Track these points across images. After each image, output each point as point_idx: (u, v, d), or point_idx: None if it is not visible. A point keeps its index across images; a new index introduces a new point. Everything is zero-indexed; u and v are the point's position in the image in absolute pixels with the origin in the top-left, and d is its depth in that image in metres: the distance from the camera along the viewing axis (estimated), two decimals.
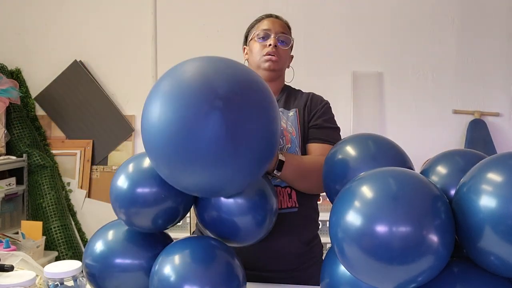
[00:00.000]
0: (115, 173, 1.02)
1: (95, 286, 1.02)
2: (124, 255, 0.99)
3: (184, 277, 0.88)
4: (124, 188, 0.97)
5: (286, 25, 1.42)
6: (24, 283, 1.01)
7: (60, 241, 2.90)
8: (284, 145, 1.29)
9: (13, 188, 2.85)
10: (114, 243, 1.01)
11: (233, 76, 0.82)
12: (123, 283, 0.99)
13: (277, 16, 1.43)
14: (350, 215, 0.72)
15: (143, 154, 1.00)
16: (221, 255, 0.95)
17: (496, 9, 3.00)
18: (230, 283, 0.91)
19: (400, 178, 0.75)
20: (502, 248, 0.66)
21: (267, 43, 1.35)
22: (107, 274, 0.99)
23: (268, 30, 1.36)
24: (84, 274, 1.03)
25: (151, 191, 0.95)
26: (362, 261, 0.71)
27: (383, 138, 0.97)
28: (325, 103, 1.41)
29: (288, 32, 1.41)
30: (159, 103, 0.79)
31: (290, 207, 1.28)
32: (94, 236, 1.05)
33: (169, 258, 0.92)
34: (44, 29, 3.22)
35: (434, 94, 3.06)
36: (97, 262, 1.00)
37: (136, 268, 0.99)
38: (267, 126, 0.83)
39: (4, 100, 2.79)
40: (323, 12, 3.09)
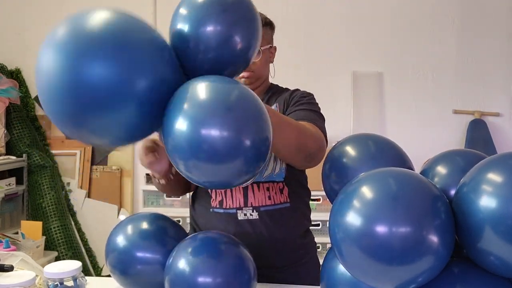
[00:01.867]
0: None
1: (117, 278, 1.09)
2: (143, 249, 1.05)
3: (197, 270, 0.93)
4: None
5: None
6: (24, 283, 1.01)
7: (60, 241, 2.90)
8: None
9: (13, 188, 2.86)
10: (134, 238, 1.07)
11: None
12: (142, 275, 1.06)
13: None
14: (350, 215, 0.72)
15: None
16: (232, 250, 0.99)
17: (496, 9, 3.00)
18: (241, 276, 0.96)
19: (400, 178, 0.74)
20: (502, 248, 0.66)
21: None
22: (128, 266, 1.05)
23: None
24: (108, 267, 1.10)
25: None
26: (362, 261, 0.71)
27: (383, 138, 0.97)
28: (307, 94, 1.36)
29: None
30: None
31: (282, 202, 1.29)
32: (114, 232, 1.12)
33: (184, 252, 0.97)
34: (44, 29, 3.21)
35: (434, 94, 3.06)
36: (120, 255, 1.06)
37: (154, 261, 1.05)
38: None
39: (4, 100, 2.79)
40: (323, 12, 3.08)
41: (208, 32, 0.84)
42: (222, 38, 0.84)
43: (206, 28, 0.84)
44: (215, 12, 0.84)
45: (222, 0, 0.86)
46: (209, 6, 0.85)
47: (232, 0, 0.87)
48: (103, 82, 0.70)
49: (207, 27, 0.84)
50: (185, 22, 0.87)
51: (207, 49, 0.84)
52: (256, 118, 0.76)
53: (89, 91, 0.70)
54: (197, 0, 0.87)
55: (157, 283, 1.04)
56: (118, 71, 0.71)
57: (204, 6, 0.85)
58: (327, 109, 1.35)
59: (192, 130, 0.71)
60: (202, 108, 0.73)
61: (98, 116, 0.73)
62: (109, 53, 0.71)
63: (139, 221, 1.11)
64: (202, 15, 0.85)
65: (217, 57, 0.86)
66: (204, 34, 0.84)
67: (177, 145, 0.74)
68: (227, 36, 0.84)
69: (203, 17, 0.84)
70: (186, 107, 0.73)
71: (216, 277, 0.93)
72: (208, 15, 0.84)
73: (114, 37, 0.73)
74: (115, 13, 0.78)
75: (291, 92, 1.38)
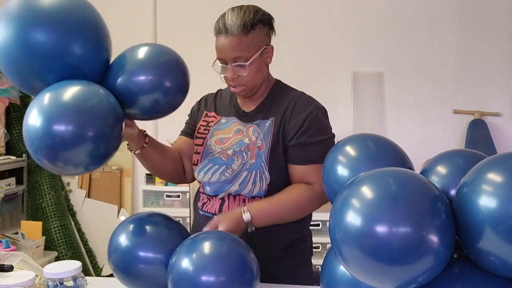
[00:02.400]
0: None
1: (120, 277, 1.10)
2: (146, 249, 1.06)
3: (201, 269, 0.94)
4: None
5: (241, 35, 1.18)
6: (23, 283, 1.01)
7: (59, 241, 2.90)
8: (248, 160, 1.23)
9: (13, 188, 2.85)
10: (137, 237, 1.08)
11: None
12: (144, 274, 1.07)
13: (226, 27, 1.19)
14: (350, 216, 0.72)
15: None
16: (235, 248, 1.00)
17: (496, 9, 3.00)
18: (244, 275, 0.96)
19: (400, 178, 0.74)
20: (502, 248, 0.66)
21: (225, 74, 1.23)
22: (131, 266, 1.06)
23: (222, 59, 1.21)
24: (110, 266, 1.10)
25: None
26: (362, 261, 0.71)
27: (383, 138, 0.97)
28: (309, 114, 1.24)
29: (244, 50, 1.18)
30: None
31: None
32: (116, 231, 1.12)
33: (187, 251, 0.98)
34: None
35: (434, 94, 3.06)
36: (123, 255, 1.07)
37: (156, 261, 1.05)
38: None
39: (3, 100, 2.79)
40: (323, 12, 3.09)
41: None
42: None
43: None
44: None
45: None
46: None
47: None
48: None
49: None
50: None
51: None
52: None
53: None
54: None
55: (160, 283, 1.05)
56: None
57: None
58: (327, 109, 1.34)
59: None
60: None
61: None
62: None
63: (141, 220, 1.12)
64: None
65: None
66: None
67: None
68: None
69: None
70: None
71: (220, 276, 0.93)
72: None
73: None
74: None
75: (293, 104, 1.26)
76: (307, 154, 1.22)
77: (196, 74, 3.60)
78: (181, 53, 1.13)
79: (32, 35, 0.92)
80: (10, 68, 0.97)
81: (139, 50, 1.08)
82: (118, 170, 3.16)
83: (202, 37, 3.21)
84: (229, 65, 1.21)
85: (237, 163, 1.24)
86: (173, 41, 3.10)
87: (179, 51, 1.14)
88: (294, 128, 1.23)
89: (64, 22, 0.94)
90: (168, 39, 3.13)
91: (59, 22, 0.93)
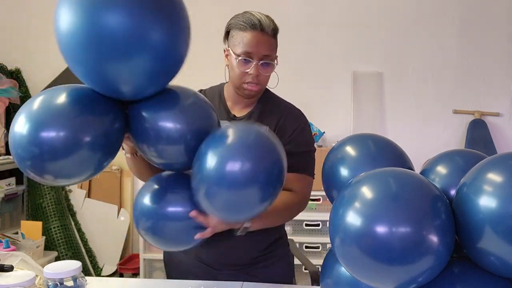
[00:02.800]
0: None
1: (150, 238, 1.05)
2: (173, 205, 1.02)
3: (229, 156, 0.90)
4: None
5: (272, 37, 1.24)
6: (23, 283, 1.01)
7: (59, 241, 2.90)
8: None
9: (13, 188, 2.85)
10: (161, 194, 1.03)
11: None
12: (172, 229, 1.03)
13: (263, 27, 1.21)
14: (350, 216, 0.72)
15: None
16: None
17: (496, 9, 3.00)
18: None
19: (400, 178, 0.75)
20: (502, 248, 0.66)
21: (248, 70, 1.22)
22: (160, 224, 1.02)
23: (250, 53, 1.21)
24: (138, 230, 1.06)
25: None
26: (362, 261, 0.71)
27: (383, 138, 0.97)
28: (297, 127, 1.30)
29: (273, 50, 1.25)
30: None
31: None
32: (140, 193, 1.07)
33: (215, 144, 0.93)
34: (44, 29, 3.22)
35: (434, 94, 3.06)
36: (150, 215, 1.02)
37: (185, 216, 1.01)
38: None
39: (4, 100, 2.79)
40: (323, 12, 3.09)
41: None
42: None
43: None
44: None
45: None
46: None
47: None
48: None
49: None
50: None
51: None
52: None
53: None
54: None
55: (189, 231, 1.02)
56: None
57: None
58: (327, 109, 1.34)
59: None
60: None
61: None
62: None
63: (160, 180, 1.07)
64: None
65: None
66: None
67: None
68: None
69: None
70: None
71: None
72: None
73: None
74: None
75: (283, 118, 1.31)
76: (290, 163, 1.17)
77: (196, 74, 3.62)
78: None
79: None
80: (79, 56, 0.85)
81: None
82: (118, 170, 3.16)
83: (203, 38, 3.22)
84: (256, 61, 1.22)
85: None
86: None
87: None
88: (283, 138, 1.25)
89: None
90: None
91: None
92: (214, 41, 3.08)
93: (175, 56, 0.91)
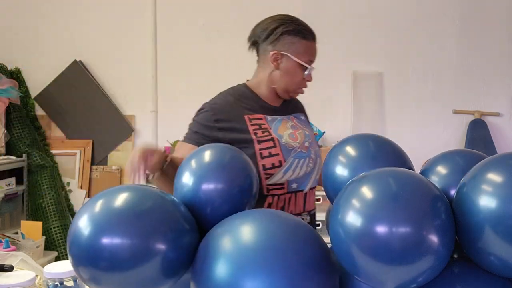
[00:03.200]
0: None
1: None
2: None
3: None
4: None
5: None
6: (24, 283, 1.01)
7: (60, 241, 2.90)
8: (317, 148, 1.42)
9: (13, 188, 2.85)
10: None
11: None
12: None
13: (314, 37, 1.42)
14: (350, 215, 0.72)
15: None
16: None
17: (496, 9, 3.00)
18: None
19: (400, 178, 0.74)
20: (502, 248, 0.66)
21: (305, 77, 1.36)
22: None
23: (312, 62, 1.39)
24: None
25: None
26: (362, 261, 0.71)
27: (383, 138, 0.97)
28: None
29: None
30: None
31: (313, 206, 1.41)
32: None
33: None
34: (44, 29, 3.22)
35: (434, 94, 3.06)
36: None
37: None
38: None
39: (4, 100, 2.79)
40: (323, 12, 3.08)
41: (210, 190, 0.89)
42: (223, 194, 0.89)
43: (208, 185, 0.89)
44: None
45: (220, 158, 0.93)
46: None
47: (230, 156, 0.93)
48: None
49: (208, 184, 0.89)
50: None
51: (213, 205, 0.88)
52: None
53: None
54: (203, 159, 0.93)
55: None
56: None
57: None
58: (327, 109, 1.36)
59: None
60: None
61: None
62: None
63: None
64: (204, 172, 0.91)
65: (223, 210, 0.88)
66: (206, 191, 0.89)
67: None
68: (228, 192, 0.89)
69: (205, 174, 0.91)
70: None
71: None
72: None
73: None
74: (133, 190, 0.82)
75: (299, 102, 1.54)
76: None
77: (195, 74, 3.59)
78: (181, 53, 1.13)
79: None
80: None
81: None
82: (118, 170, 3.16)
83: (203, 38, 3.22)
84: (311, 67, 1.37)
85: (313, 152, 1.38)
86: (173, 41, 3.12)
87: (179, 51, 1.14)
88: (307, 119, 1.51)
89: None
90: (168, 39, 3.13)
91: None
92: (214, 40, 3.09)
93: None
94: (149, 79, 3.15)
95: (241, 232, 0.75)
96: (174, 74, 3.12)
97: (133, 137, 3.18)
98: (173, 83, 3.13)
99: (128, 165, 1.11)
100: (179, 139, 2.74)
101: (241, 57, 1.45)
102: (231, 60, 2.94)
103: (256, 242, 0.72)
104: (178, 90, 3.12)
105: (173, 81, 3.13)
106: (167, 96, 3.14)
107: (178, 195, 0.92)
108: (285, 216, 0.82)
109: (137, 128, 3.18)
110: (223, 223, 0.80)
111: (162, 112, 3.15)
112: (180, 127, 1.45)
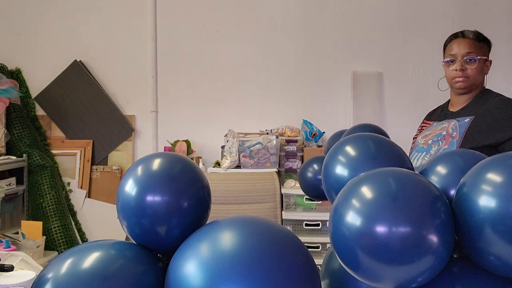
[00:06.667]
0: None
1: None
2: None
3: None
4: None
5: (474, 40, 1.58)
6: (24, 283, 1.01)
7: (60, 241, 2.90)
8: (442, 147, 1.52)
9: (13, 188, 2.86)
10: None
11: None
12: None
13: (463, 34, 1.60)
14: (350, 215, 0.72)
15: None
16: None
17: (496, 9, 3.00)
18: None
19: (400, 178, 0.74)
20: (502, 248, 0.66)
21: (454, 68, 1.57)
22: None
23: (453, 55, 1.58)
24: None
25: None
26: (362, 261, 0.71)
27: (383, 138, 0.97)
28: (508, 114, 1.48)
29: (475, 50, 1.56)
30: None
31: None
32: None
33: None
34: (44, 29, 3.22)
35: (434, 94, 3.06)
36: None
37: None
38: None
39: (4, 100, 2.79)
40: (323, 12, 3.08)
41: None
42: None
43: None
44: None
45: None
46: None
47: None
48: None
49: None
50: None
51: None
52: None
53: None
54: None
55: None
56: None
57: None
58: (327, 109, 1.35)
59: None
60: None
61: None
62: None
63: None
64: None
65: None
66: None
67: None
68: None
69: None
70: None
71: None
72: None
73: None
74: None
75: (495, 104, 1.53)
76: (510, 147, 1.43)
77: (195, 74, 3.58)
78: (181, 54, 1.13)
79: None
80: None
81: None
82: (118, 170, 3.16)
83: (203, 38, 3.22)
84: (459, 59, 1.56)
85: (434, 149, 1.52)
86: (173, 41, 3.12)
87: (179, 51, 1.14)
88: (493, 124, 1.47)
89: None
90: (168, 39, 3.13)
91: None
92: (213, 40, 3.09)
93: None
94: (149, 79, 3.15)
95: (220, 238, 0.73)
96: (174, 74, 3.12)
97: (133, 137, 3.18)
98: (173, 83, 3.13)
99: None
100: (179, 139, 2.75)
101: (241, 57, 1.45)
102: (231, 60, 2.94)
103: (235, 249, 0.70)
104: (178, 90, 3.12)
105: (173, 81, 3.13)
106: (167, 96, 3.14)
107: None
108: (267, 222, 0.79)
109: (137, 128, 3.18)
110: (201, 230, 0.77)
111: (162, 112, 3.15)
112: (180, 127, 1.45)
